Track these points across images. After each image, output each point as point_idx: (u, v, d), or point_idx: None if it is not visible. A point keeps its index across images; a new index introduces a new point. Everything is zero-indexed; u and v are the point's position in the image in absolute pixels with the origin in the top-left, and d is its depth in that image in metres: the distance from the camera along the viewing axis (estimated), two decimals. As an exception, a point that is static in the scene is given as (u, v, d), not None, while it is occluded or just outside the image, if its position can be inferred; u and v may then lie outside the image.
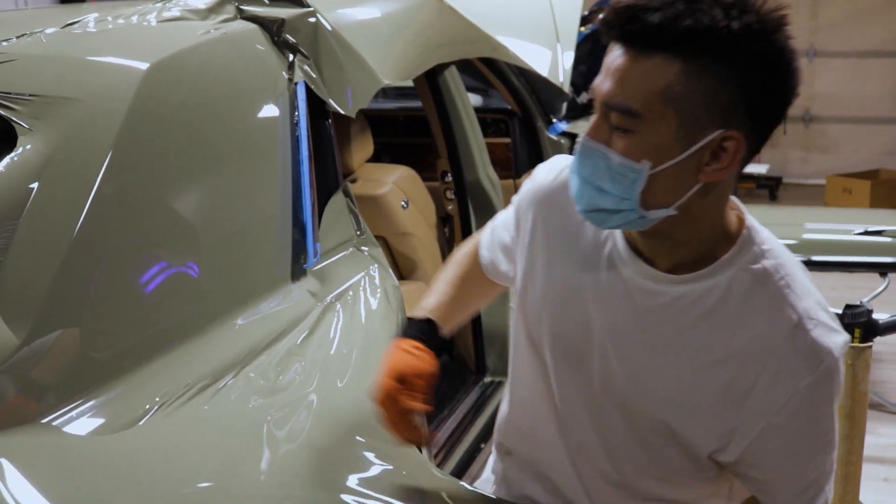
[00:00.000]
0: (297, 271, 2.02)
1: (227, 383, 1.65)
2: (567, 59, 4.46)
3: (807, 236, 4.30)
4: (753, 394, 1.33)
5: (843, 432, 2.51)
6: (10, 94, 1.77)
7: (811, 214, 5.21)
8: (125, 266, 1.68)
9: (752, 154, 1.30)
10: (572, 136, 4.42)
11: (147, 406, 1.55)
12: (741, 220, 1.39)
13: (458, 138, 3.42)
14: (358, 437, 1.57)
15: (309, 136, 2.19)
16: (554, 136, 4.28)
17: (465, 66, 3.90)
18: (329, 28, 2.33)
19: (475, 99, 4.61)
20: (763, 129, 1.28)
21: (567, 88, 4.31)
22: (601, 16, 1.27)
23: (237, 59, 2.15)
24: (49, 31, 2.03)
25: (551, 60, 4.38)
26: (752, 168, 8.17)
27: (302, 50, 2.26)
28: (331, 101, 2.30)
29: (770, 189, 9.00)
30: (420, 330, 1.59)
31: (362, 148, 3.23)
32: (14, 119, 1.73)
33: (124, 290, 1.67)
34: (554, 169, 1.55)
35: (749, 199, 8.79)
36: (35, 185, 1.62)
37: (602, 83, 1.28)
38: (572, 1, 4.93)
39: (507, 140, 4.38)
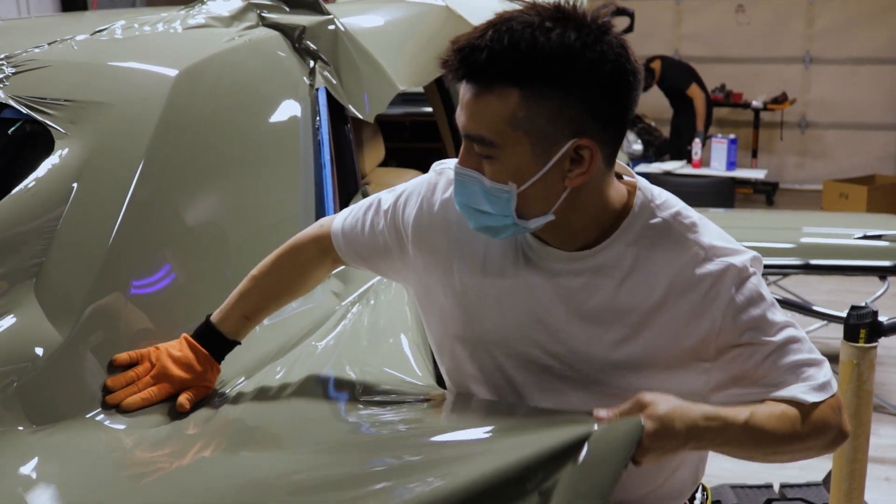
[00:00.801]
0: (321, 272, 2.08)
1: (257, 379, 1.70)
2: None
3: (805, 240, 4.36)
4: (691, 329, 1.42)
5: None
6: (45, 98, 1.82)
7: (809, 219, 5.27)
8: (158, 266, 1.73)
9: (614, 150, 1.41)
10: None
11: None
12: (633, 186, 1.48)
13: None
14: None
15: (330, 140, 2.25)
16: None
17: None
18: (347, 34, 2.39)
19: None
20: (615, 127, 1.39)
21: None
22: (449, 49, 1.36)
23: (261, 65, 2.21)
24: (79, 37, 2.08)
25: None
26: (749, 173, 8.24)
27: (322, 56, 2.32)
28: (350, 107, 2.36)
29: (767, 194, 9.06)
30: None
31: (374, 152, 3.29)
32: (50, 123, 1.78)
33: (158, 290, 1.72)
34: (437, 187, 1.59)
35: (746, 203, 8.86)
36: (74, 186, 1.67)
37: (459, 115, 1.39)
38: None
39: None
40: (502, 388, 1.54)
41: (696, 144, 7.88)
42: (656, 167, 7.85)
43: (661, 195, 1.48)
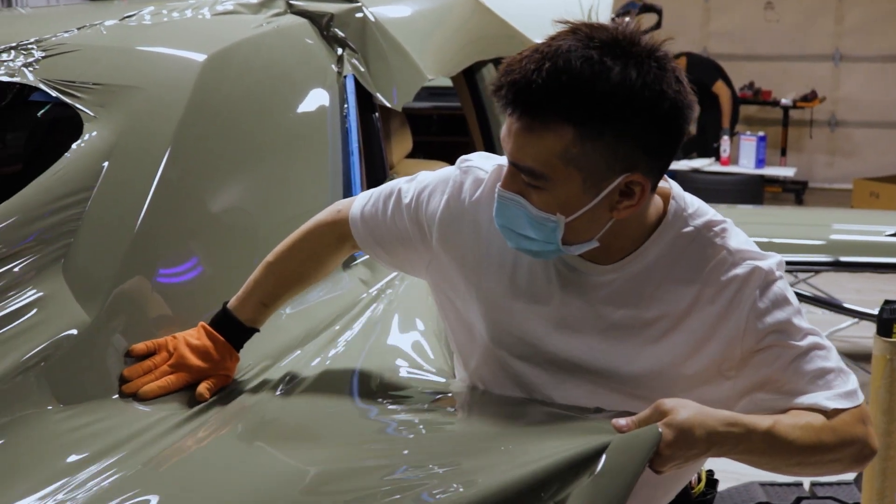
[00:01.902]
0: (348, 259, 2.06)
1: (281, 368, 1.69)
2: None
3: (835, 237, 4.31)
4: (717, 333, 1.41)
5: (881, 427, 2.53)
6: (74, 82, 1.82)
7: (839, 216, 5.21)
8: (184, 251, 1.72)
9: (661, 175, 1.40)
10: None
11: None
12: (667, 194, 1.46)
13: (495, 132, 3.45)
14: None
15: (358, 128, 2.24)
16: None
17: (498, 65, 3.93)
18: (376, 23, 2.38)
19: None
20: (665, 159, 1.37)
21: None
22: (502, 78, 1.32)
23: (289, 52, 2.20)
24: (108, 23, 2.08)
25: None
26: (779, 171, 8.18)
27: (350, 44, 2.31)
28: (378, 95, 2.35)
29: (796, 193, 8.99)
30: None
31: (402, 143, 3.27)
32: (79, 106, 1.78)
33: (183, 275, 1.72)
34: (464, 187, 1.55)
35: (775, 202, 8.79)
36: (103, 169, 1.67)
37: (505, 142, 1.36)
38: (602, 2, 4.97)
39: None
40: (519, 387, 1.53)
41: (725, 142, 7.82)
42: (684, 164, 7.80)
43: (693, 203, 1.47)
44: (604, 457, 1.20)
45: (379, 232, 1.63)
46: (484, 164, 1.54)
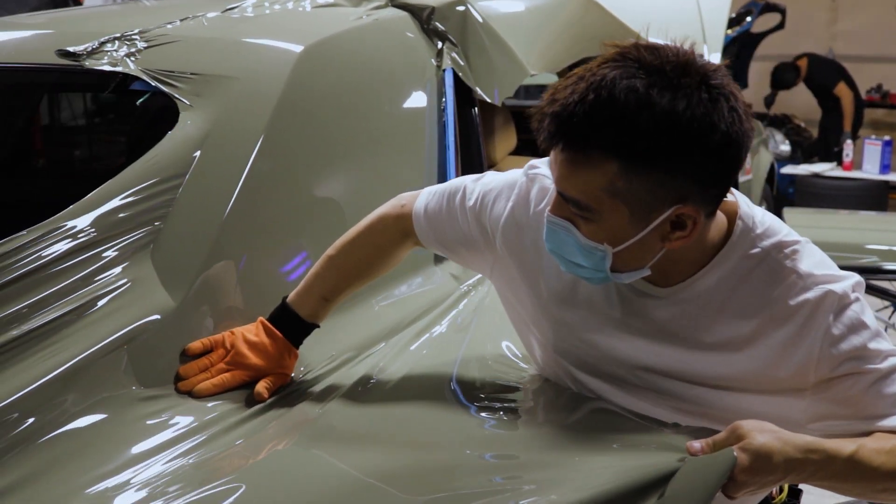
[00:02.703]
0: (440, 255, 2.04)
1: (368, 356, 1.67)
2: (714, 61, 4.39)
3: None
4: (787, 359, 1.33)
5: None
6: (173, 72, 1.85)
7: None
8: (274, 242, 1.72)
9: (718, 202, 1.31)
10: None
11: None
12: (733, 212, 1.38)
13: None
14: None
15: (455, 122, 2.22)
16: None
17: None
18: (478, 17, 2.35)
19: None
20: (721, 187, 1.29)
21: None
22: (545, 109, 1.25)
23: (388, 44, 2.19)
24: (210, 14, 2.11)
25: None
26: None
27: (450, 37, 2.29)
28: (477, 90, 2.32)
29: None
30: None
31: (506, 140, 3.24)
32: (176, 95, 1.80)
33: (272, 265, 1.72)
34: (531, 195, 1.49)
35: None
36: (195, 157, 1.68)
37: (551, 169, 1.31)
38: (720, 1, 4.85)
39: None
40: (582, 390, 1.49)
41: (848, 146, 7.55)
42: (804, 169, 7.56)
43: (762, 222, 1.38)
44: (674, 480, 1.15)
45: (442, 231, 1.59)
46: (551, 174, 1.48)
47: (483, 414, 1.47)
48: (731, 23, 6.67)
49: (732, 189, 1.38)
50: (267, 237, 1.72)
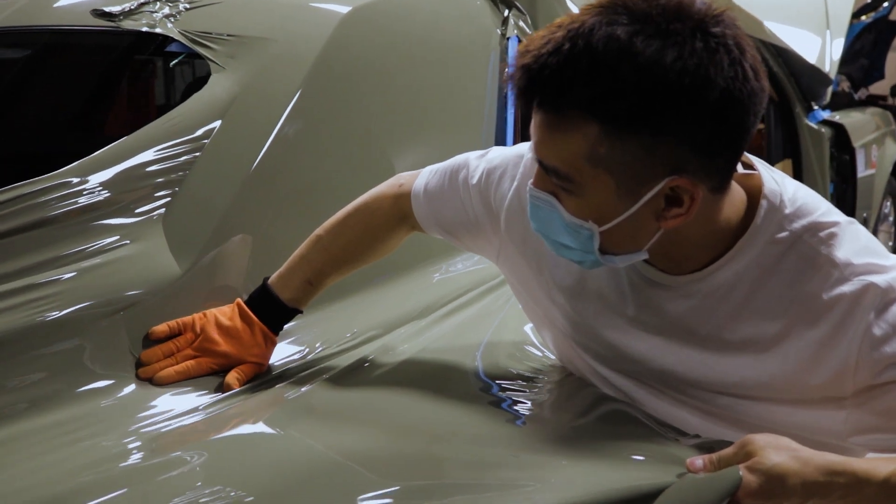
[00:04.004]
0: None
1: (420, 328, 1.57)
2: (836, 47, 4.17)
3: None
4: (822, 362, 1.14)
5: None
6: (210, 33, 1.77)
7: None
8: (294, 216, 1.61)
9: (727, 174, 1.12)
10: (834, 126, 4.10)
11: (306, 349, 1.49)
12: (757, 186, 1.18)
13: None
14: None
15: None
16: (813, 125, 3.96)
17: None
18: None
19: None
20: (725, 157, 1.10)
21: (833, 77, 4.02)
22: (516, 60, 1.09)
23: (448, 10, 2.07)
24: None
25: (819, 47, 4.11)
26: None
27: (518, 5, 2.15)
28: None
29: None
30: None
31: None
32: (209, 57, 1.73)
33: (290, 241, 1.61)
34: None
35: None
36: (218, 124, 1.59)
37: (532, 134, 1.13)
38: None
39: (761, 126, 4.09)
40: (608, 389, 1.32)
41: None
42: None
43: (794, 199, 1.18)
44: (662, 497, 1.00)
45: (443, 212, 1.43)
46: None
47: (489, 406, 1.33)
48: (866, 9, 6.29)
49: (757, 160, 1.20)
50: (288, 210, 1.61)
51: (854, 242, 1.16)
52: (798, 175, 3.89)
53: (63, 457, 1.14)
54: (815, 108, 4.05)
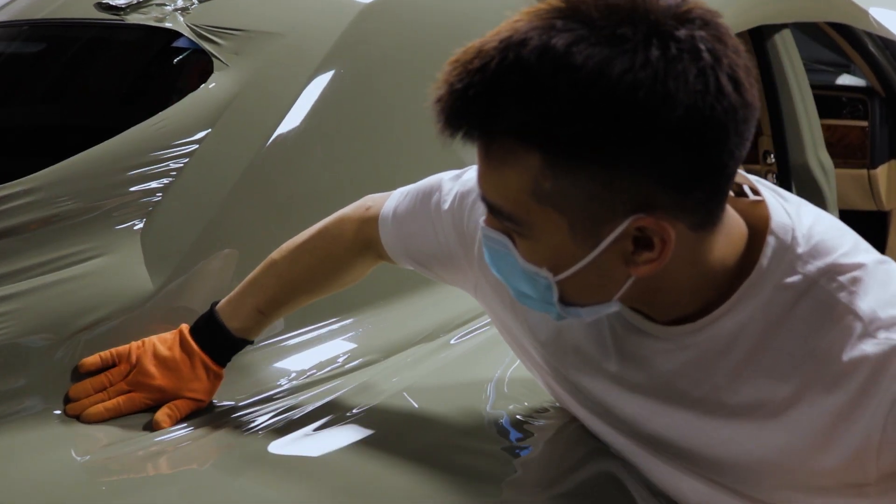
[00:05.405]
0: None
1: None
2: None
3: None
4: (839, 437, 0.94)
5: None
6: (217, 27, 1.66)
7: None
8: (288, 229, 1.48)
9: (713, 209, 0.92)
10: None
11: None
12: (762, 218, 0.98)
13: (786, 113, 2.94)
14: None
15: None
16: (924, 123, 3.67)
17: (819, 36, 3.44)
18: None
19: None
20: (703, 189, 0.90)
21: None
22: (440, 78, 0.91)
23: (485, 3, 1.91)
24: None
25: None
26: None
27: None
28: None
29: None
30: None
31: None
32: (213, 53, 1.62)
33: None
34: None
35: None
36: (210, 129, 1.48)
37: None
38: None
39: (864, 123, 3.80)
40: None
41: None
42: None
43: (809, 235, 0.97)
44: None
45: (414, 241, 1.24)
46: None
47: (465, 461, 1.17)
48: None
49: (766, 184, 1.01)
50: (282, 223, 1.46)
51: (883, 289, 0.95)
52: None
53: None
54: (928, 104, 3.75)
